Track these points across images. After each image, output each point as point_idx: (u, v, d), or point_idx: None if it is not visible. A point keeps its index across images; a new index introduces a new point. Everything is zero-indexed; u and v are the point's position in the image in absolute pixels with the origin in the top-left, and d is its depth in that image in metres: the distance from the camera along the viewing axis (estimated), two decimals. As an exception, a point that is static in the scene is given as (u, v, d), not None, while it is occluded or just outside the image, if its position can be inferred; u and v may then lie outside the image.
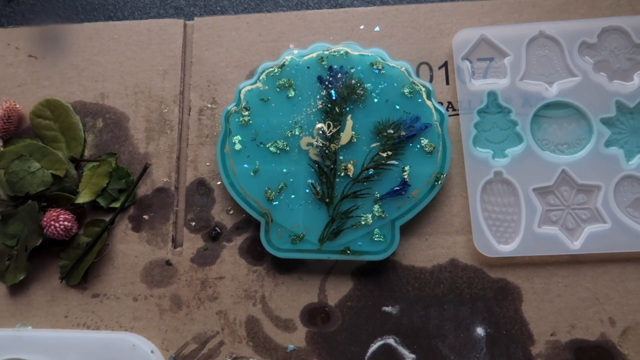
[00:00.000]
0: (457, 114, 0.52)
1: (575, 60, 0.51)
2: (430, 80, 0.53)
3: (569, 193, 0.49)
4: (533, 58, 0.52)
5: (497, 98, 0.51)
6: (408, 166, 0.48)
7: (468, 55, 0.52)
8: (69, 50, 0.56)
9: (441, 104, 0.51)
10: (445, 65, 0.53)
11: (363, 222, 0.48)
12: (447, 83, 0.53)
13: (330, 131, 0.49)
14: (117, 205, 0.52)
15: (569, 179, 0.49)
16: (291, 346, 0.48)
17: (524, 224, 0.48)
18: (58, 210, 0.50)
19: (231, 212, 0.52)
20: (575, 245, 0.47)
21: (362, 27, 0.54)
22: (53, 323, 0.50)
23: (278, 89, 0.50)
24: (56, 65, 0.56)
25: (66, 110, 0.54)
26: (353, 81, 0.49)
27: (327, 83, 0.50)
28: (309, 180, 0.49)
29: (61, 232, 0.49)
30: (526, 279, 0.48)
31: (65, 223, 0.49)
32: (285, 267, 0.50)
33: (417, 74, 0.52)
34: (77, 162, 0.53)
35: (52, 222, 0.49)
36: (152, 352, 0.48)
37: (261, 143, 0.49)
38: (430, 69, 0.53)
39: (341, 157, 0.49)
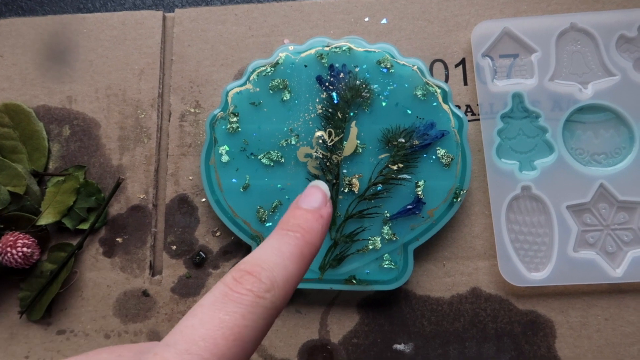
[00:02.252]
0: (478, 119, 0.45)
1: (612, 57, 0.45)
2: (446, 80, 0.46)
3: (608, 211, 0.43)
4: (564, 55, 0.45)
5: (524, 101, 0.44)
6: (422, 181, 0.42)
7: (489, 51, 0.46)
8: (31, 47, 0.49)
9: (459, 107, 0.45)
10: (462, 62, 0.47)
11: (371, 247, 0.42)
12: (465, 83, 0.46)
13: (332, 140, 0.42)
14: (85, 226, 0.45)
15: (607, 195, 0.43)
16: (288, 390, 0.42)
17: (556, 247, 0.42)
18: (16, 233, 0.43)
19: (218, 234, 0.45)
20: (617, 272, 0.41)
21: (367, 19, 0.48)
22: (12, 365, 0.44)
23: (271, 91, 0.44)
24: (16, 64, 0.49)
25: (28, 116, 0.47)
26: (357, 82, 0.43)
27: (327, 84, 0.43)
28: (308, 198, 0.42)
29: (19, 259, 0.42)
30: (560, 311, 0.42)
31: (25, 249, 0.42)
32: (280, 298, 0.44)
33: (431, 74, 0.46)
34: (40, 177, 0.47)
35: (9, 249, 0.42)
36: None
37: (252, 154, 0.43)
38: (446, 68, 0.47)
39: (345, 171, 0.42)
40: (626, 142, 0.44)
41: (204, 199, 0.46)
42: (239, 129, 0.44)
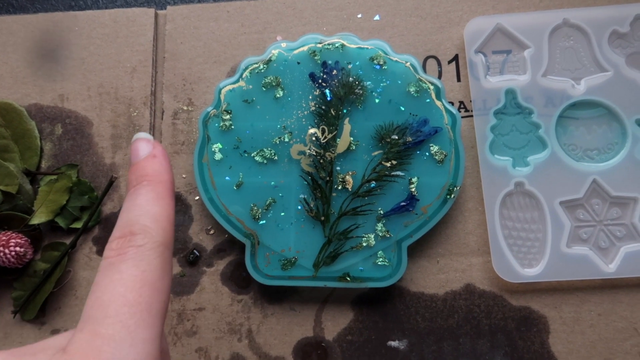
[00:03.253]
0: (471, 116, 0.45)
1: (605, 53, 0.45)
2: (439, 77, 0.46)
3: (601, 207, 0.43)
4: (557, 50, 0.45)
5: (517, 97, 0.44)
6: (416, 177, 0.42)
7: (482, 47, 0.46)
8: (22, 45, 0.49)
9: (452, 104, 0.44)
10: (455, 59, 0.46)
11: (365, 244, 0.42)
12: (459, 80, 0.46)
13: (325, 137, 0.42)
14: (79, 225, 0.45)
15: (600, 191, 0.43)
16: (283, 388, 0.42)
17: (550, 243, 0.42)
18: (8, 233, 0.43)
19: (212, 232, 0.45)
20: (610, 267, 0.41)
21: (359, 15, 0.48)
22: (5, 364, 0.43)
23: (264, 89, 0.43)
24: (7, 62, 0.49)
25: (19, 114, 0.47)
26: (350, 79, 0.43)
27: (320, 81, 0.43)
28: (301, 195, 0.42)
29: (12, 259, 0.42)
30: (553, 307, 0.42)
31: (17, 248, 0.42)
32: (275, 296, 0.43)
33: (424, 70, 0.46)
34: (33, 176, 0.46)
35: (1, 249, 0.42)
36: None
37: (245, 152, 0.43)
38: (439, 64, 0.47)
39: (338, 168, 0.42)
40: (619, 138, 0.44)
41: (197, 197, 0.46)
42: (232, 127, 0.43)
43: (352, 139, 0.43)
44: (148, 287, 0.23)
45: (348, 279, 0.42)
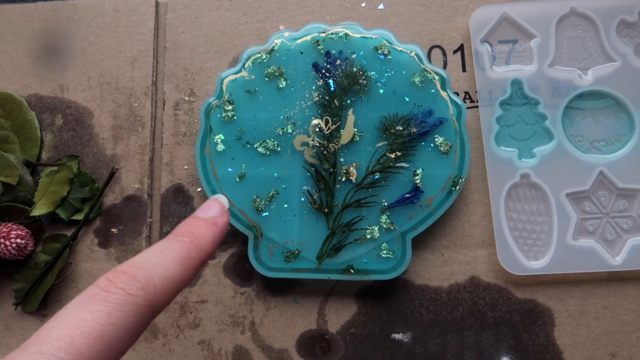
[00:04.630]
0: (476, 107, 0.45)
1: (612, 43, 0.44)
2: (444, 67, 0.46)
3: (607, 199, 0.42)
4: (564, 40, 0.45)
5: (523, 87, 0.44)
6: (420, 169, 0.41)
7: (488, 37, 0.45)
8: (21, 34, 0.48)
9: (457, 94, 0.44)
10: (461, 48, 0.46)
11: (369, 236, 0.41)
12: (464, 70, 0.46)
13: (329, 128, 0.42)
14: (80, 217, 0.45)
15: (607, 182, 0.42)
16: (286, 380, 0.42)
17: (555, 235, 0.41)
18: (9, 224, 0.43)
19: (214, 223, 0.44)
20: (616, 260, 0.41)
21: (363, 4, 0.47)
22: (7, 357, 0.43)
23: (266, 79, 0.43)
24: (6, 52, 0.48)
25: (19, 105, 0.46)
26: (354, 69, 0.42)
27: (324, 71, 0.42)
28: (305, 187, 0.42)
29: (13, 251, 0.42)
30: (559, 299, 0.42)
31: (18, 240, 0.42)
32: (278, 289, 0.43)
33: (429, 60, 0.45)
34: (33, 167, 0.46)
35: (2, 240, 0.41)
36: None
37: (247, 143, 0.42)
38: (444, 54, 0.46)
39: (342, 159, 0.42)
40: (626, 129, 0.43)
41: (199, 189, 0.45)
42: (235, 118, 0.43)
43: (355, 130, 0.42)
44: (104, 343, 0.21)
45: (352, 271, 0.41)
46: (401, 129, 0.42)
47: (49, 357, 0.20)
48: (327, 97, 0.42)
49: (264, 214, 0.42)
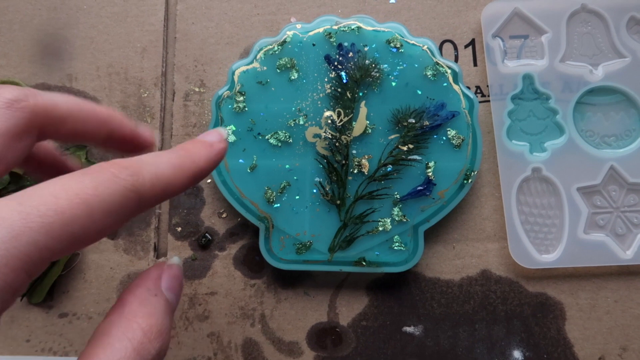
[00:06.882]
0: (488, 101, 0.45)
1: (623, 39, 0.44)
2: (455, 61, 0.46)
3: (618, 193, 0.42)
4: (574, 36, 0.45)
5: (534, 82, 0.44)
6: (433, 162, 0.41)
7: (499, 32, 0.45)
8: (29, 23, 0.48)
9: (469, 88, 0.44)
10: (472, 43, 0.46)
11: (381, 228, 0.41)
12: (475, 64, 0.46)
13: (341, 120, 0.42)
14: (88, 207, 0.44)
15: (618, 177, 0.42)
16: (296, 373, 0.41)
17: (567, 229, 0.42)
18: (16, 214, 0.42)
19: (224, 215, 0.44)
20: (627, 254, 0.41)
21: (375, -2, 0.47)
22: (13, 349, 0.42)
23: (278, 70, 0.43)
24: (13, 40, 0.47)
25: (26, 94, 0.45)
26: (367, 61, 0.42)
27: (336, 63, 0.42)
28: (317, 179, 0.42)
29: (20, 240, 0.41)
30: (570, 293, 0.42)
31: (26, 230, 0.41)
32: (288, 281, 0.43)
33: (441, 54, 0.45)
34: (40, 157, 0.45)
35: (9, 230, 0.41)
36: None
37: (259, 134, 0.42)
38: (455, 48, 0.46)
39: (354, 151, 0.42)
40: (636, 124, 0.43)
41: (209, 180, 0.45)
42: (246, 109, 0.43)
43: (368, 122, 0.42)
44: (86, 208, 0.21)
45: (364, 263, 0.41)
46: (413, 121, 0.42)
47: (30, 209, 0.20)
48: (339, 89, 0.42)
49: (276, 206, 0.42)
